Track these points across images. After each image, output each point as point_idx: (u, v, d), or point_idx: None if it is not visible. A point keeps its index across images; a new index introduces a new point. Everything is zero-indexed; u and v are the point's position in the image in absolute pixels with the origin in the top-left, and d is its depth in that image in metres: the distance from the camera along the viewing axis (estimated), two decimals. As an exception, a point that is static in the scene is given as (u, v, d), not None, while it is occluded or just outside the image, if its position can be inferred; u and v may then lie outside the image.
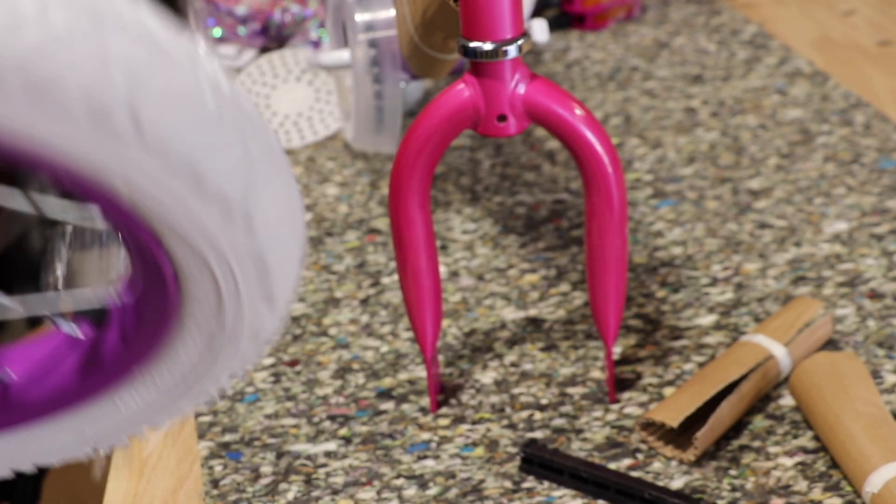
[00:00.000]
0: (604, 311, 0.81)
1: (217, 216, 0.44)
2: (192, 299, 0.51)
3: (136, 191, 0.41)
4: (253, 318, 0.52)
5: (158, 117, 0.38)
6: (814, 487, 0.75)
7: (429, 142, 0.76)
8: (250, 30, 1.46)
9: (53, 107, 0.36)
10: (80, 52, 0.36)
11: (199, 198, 0.42)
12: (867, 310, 0.91)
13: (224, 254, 0.47)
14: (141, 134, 0.38)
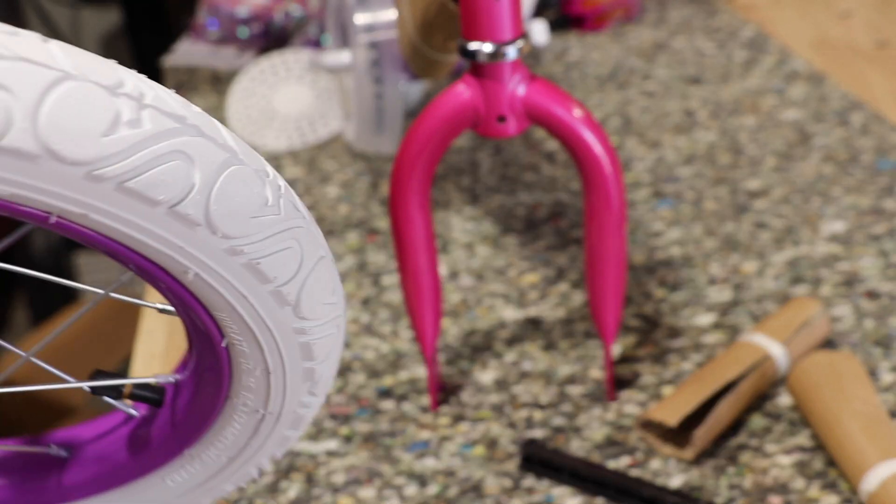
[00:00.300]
0: (603, 310, 0.81)
1: (271, 301, 0.48)
2: (242, 382, 0.53)
3: (201, 270, 0.45)
4: (295, 402, 0.55)
5: (227, 210, 0.43)
6: (811, 485, 0.75)
7: (429, 142, 0.76)
8: (251, 31, 1.47)
9: (141, 201, 0.41)
10: (166, 153, 0.41)
11: (258, 282, 0.47)
12: (864, 309, 0.91)
13: (273, 334, 0.50)
14: (210, 224, 0.43)
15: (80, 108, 0.38)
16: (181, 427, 0.59)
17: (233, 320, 0.50)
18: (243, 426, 0.57)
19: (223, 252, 0.45)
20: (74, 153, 0.39)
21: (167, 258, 0.45)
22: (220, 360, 0.53)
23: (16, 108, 0.37)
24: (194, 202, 0.42)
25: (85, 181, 0.40)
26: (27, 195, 0.40)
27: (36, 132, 0.37)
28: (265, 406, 0.55)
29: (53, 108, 0.38)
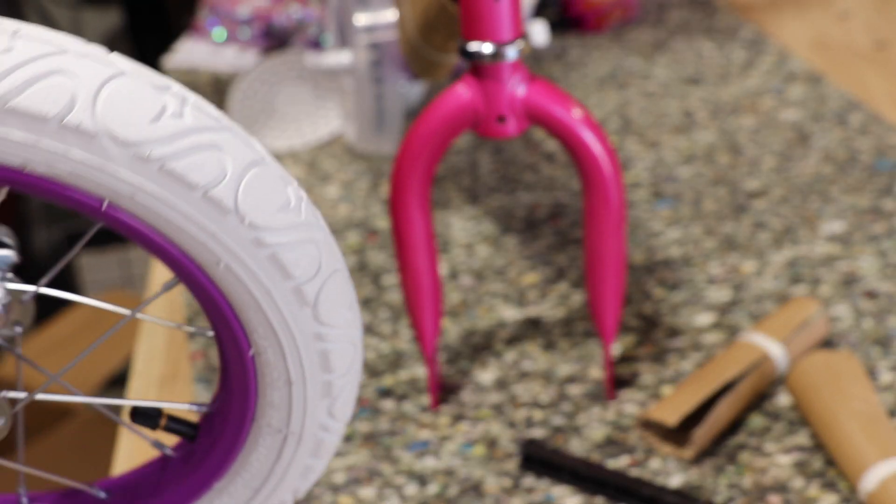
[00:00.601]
0: (602, 310, 0.81)
1: (292, 299, 0.52)
2: (267, 397, 0.57)
3: (230, 260, 0.50)
4: (316, 422, 0.58)
5: (254, 201, 0.48)
6: (810, 485, 0.76)
7: (429, 142, 0.76)
8: (252, 32, 1.47)
9: (180, 183, 0.47)
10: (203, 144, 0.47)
11: (280, 277, 0.51)
12: (863, 309, 0.91)
13: (294, 337, 0.54)
14: (239, 211, 0.48)
15: (132, 98, 0.45)
16: (211, 458, 0.60)
17: (258, 321, 0.53)
18: (268, 450, 0.59)
19: (250, 242, 0.49)
20: (126, 134, 0.45)
21: (201, 247, 0.49)
22: (247, 374, 0.56)
23: (79, 92, 0.44)
24: (226, 189, 0.48)
25: (134, 161, 0.45)
26: (85, 174, 0.45)
27: (94, 114, 0.44)
28: (287, 424, 0.58)
29: (109, 96, 0.44)
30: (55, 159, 0.45)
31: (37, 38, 0.44)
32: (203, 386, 0.90)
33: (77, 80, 0.44)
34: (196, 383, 0.91)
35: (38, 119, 0.44)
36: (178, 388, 0.91)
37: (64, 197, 0.47)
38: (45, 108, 0.44)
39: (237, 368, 0.56)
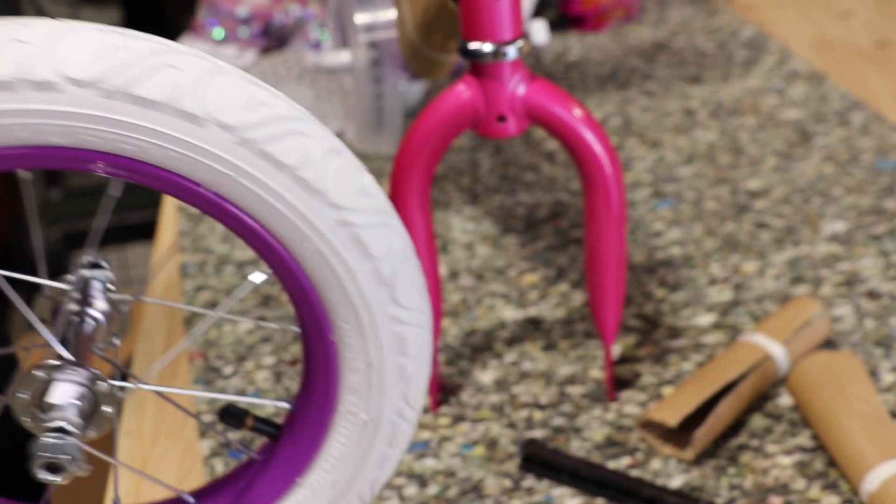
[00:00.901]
0: (603, 310, 0.81)
1: (372, 279, 0.56)
2: (347, 382, 0.60)
3: (317, 239, 0.54)
4: (392, 407, 0.61)
5: (337, 183, 0.53)
6: (812, 486, 0.75)
7: (429, 142, 0.76)
8: (251, 31, 1.47)
9: (272, 164, 0.52)
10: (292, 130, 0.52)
11: (361, 257, 0.55)
12: (865, 309, 0.91)
13: (374, 318, 0.57)
14: (325, 192, 0.53)
15: (231, 88, 0.51)
16: (294, 455, 0.63)
17: (341, 302, 0.56)
18: (348, 439, 0.62)
19: (334, 222, 0.54)
20: (228, 119, 0.50)
21: (289, 226, 0.53)
22: (329, 359, 0.59)
23: (186, 81, 0.49)
24: (312, 170, 0.52)
25: (234, 144, 0.51)
26: (192, 157, 0.51)
27: (202, 100, 0.50)
28: (367, 409, 0.61)
29: (214, 86, 0.50)
30: (168, 144, 0.50)
31: (146, 38, 0.50)
32: (202, 387, 0.90)
33: (186, 72, 0.49)
34: (195, 384, 0.90)
35: (152, 105, 0.49)
36: (178, 388, 0.91)
37: (167, 182, 0.52)
38: (158, 95, 0.49)
39: (320, 356, 0.59)
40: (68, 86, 0.48)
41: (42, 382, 0.55)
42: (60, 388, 0.55)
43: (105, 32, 0.49)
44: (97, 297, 0.59)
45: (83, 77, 0.48)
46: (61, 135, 0.50)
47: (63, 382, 0.55)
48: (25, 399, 0.55)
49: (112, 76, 0.48)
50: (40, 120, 0.49)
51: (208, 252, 1.08)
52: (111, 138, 0.50)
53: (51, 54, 0.48)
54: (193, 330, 0.60)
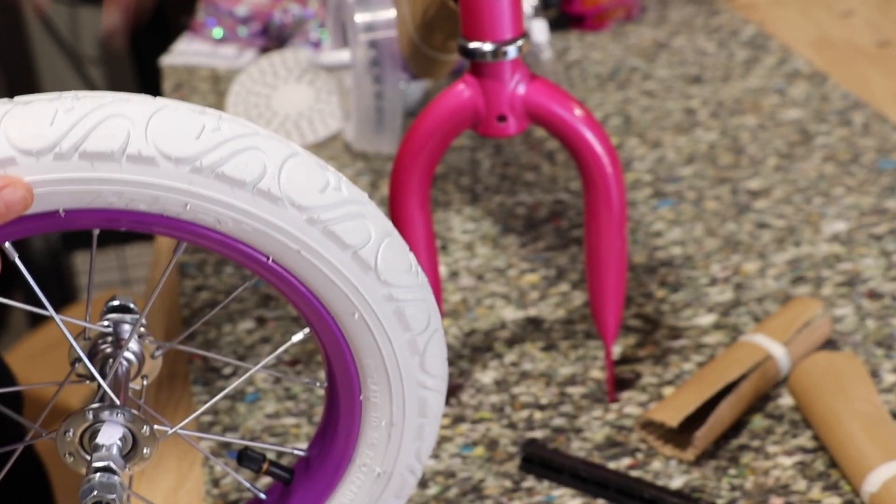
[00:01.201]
0: (603, 310, 0.81)
1: (407, 349, 0.61)
2: (368, 438, 0.64)
3: (364, 313, 0.59)
4: (405, 463, 0.65)
5: (388, 263, 0.59)
6: (813, 487, 0.75)
7: (429, 142, 0.76)
8: (251, 30, 1.47)
9: (336, 247, 0.57)
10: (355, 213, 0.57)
11: (401, 329, 0.60)
12: (866, 310, 0.91)
13: (403, 383, 0.62)
14: (377, 269, 0.58)
15: (306, 172, 0.55)
16: (305, 499, 0.66)
17: (375, 368, 0.61)
18: (359, 489, 0.66)
19: (382, 297, 0.59)
20: (301, 200, 0.55)
21: (342, 298, 0.58)
22: (354, 417, 0.64)
23: (269, 164, 0.54)
24: (369, 250, 0.57)
25: (305, 223, 0.56)
26: (265, 232, 0.55)
27: (279, 183, 0.55)
28: (382, 463, 0.65)
29: (290, 169, 0.55)
30: (246, 218, 0.55)
31: (237, 122, 0.55)
32: (201, 387, 0.90)
33: (267, 155, 0.54)
34: (194, 385, 0.90)
35: (237, 184, 0.54)
36: (177, 388, 0.91)
37: (237, 251, 0.56)
38: (243, 175, 0.54)
39: (346, 412, 0.64)
40: (164, 161, 0.53)
41: (89, 422, 0.59)
42: (108, 430, 0.59)
43: (198, 113, 0.54)
44: (130, 340, 0.62)
45: (176, 154, 0.53)
46: (149, 203, 0.54)
47: (111, 424, 0.59)
48: (71, 438, 0.59)
49: (204, 156, 0.53)
50: (134, 189, 0.53)
51: (208, 252, 1.08)
52: (195, 209, 0.54)
53: (150, 131, 0.53)
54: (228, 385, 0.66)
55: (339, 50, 1.13)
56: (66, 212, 0.53)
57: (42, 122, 0.52)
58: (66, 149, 0.51)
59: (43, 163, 0.52)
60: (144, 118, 0.53)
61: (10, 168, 0.51)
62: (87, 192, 0.53)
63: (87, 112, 0.52)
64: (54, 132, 0.51)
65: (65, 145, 0.51)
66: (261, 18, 1.46)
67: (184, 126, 0.53)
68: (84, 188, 0.53)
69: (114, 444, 0.58)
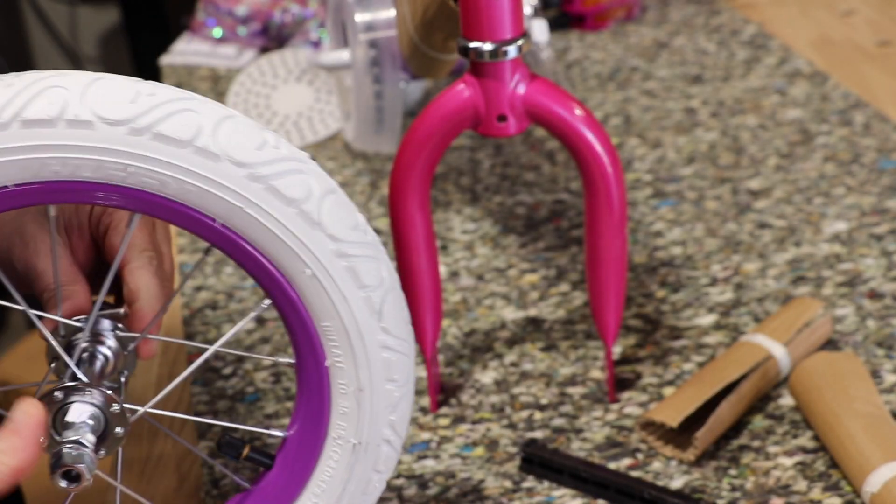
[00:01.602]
0: (603, 310, 0.81)
1: (363, 307, 0.61)
2: (339, 407, 0.64)
3: (315, 271, 0.59)
4: (379, 433, 0.65)
5: (334, 219, 0.59)
6: (813, 487, 0.75)
7: (429, 142, 0.76)
8: (250, 30, 1.46)
9: (280, 202, 0.57)
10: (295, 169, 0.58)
11: (355, 286, 0.61)
12: (867, 310, 0.91)
13: (365, 347, 0.62)
14: (323, 225, 0.59)
15: (243, 131, 0.57)
16: (287, 482, 0.66)
17: (335, 330, 0.61)
18: (337, 463, 0.66)
19: (332, 253, 0.59)
20: (241, 157, 0.56)
21: (292, 256, 0.59)
22: (323, 386, 0.64)
23: (204, 123, 0.55)
24: (313, 205, 0.58)
25: (246, 180, 0.56)
26: (208, 191, 0.56)
27: (217, 141, 0.56)
28: (357, 433, 0.65)
29: (227, 128, 0.56)
30: (188, 178, 0.56)
31: (172, 88, 0.57)
32: (201, 388, 0.90)
33: (202, 115, 0.55)
34: (193, 385, 0.90)
35: (174, 142, 0.55)
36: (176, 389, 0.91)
37: (185, 216, 0.57)
38: (180, 134, 0.55)
39: (315, 383, 0.64)
40: (101, 124, 0.54)
41: (58, 403, 0.59)
42: (77, 408, 0.59)
43: (133, 81, 0.56)
44: (107, 335, 0.63)
45: (114, 116, 0.54)
46: (92, 169, 0.55)
47: (80, 403, 0.59)
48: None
49: (140, 117, 0.55)
50: (75, 155, 0.54)
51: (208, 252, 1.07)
52: (137, 173, 0.55)
53: (87, 97, 0.54)
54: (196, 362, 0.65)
55: (339, 50, 1.13)
56: (15, 186, 0.55)
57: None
58: (6, 119, 0.53)
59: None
60: (81, 87, 0.54)
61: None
62: (31, 161, 0.54)
63: (27, 84, 0.53)
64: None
65: (4, 115, 0.53)
66: (260, 18, 1.46)
67: (120, 92, 0.55)
68: (27, 157, 0.54)
69: (85, 423, 0.59)
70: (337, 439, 0.65)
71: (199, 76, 1.44)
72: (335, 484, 0.66)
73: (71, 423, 0.59)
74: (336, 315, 0.61)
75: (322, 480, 0.66)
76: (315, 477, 0.66)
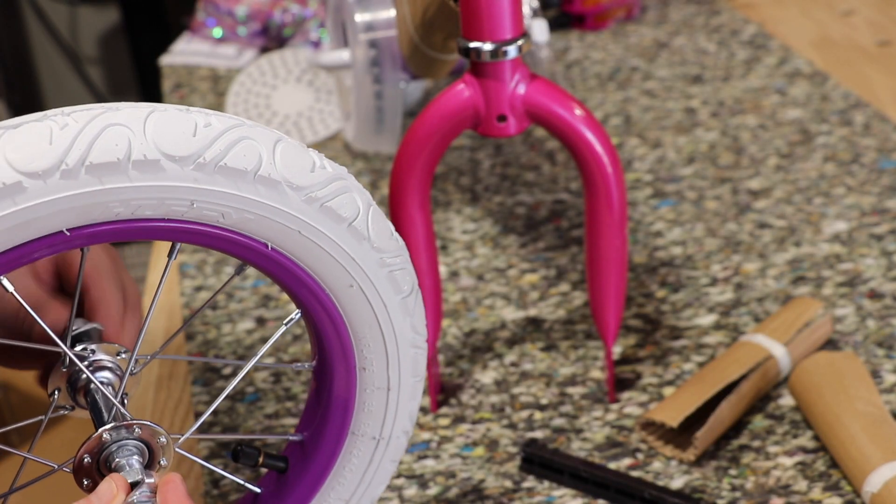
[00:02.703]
0: (604, 310, 0.81)
1: (400, 311, 0.63)
2: (366, 406, 0.65)
3: (361, 283, 0.61)
4: (401, 426, 0.67)
5: (377, 231, 0.60)
6: (813, 487, 0.75)
7: (429, 142, 0.76)
8: (250, 30, 1.46)
9: (333, 222, 0.58)
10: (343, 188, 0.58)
11: (394, 292, 0.62)
12: (867, 309, 0.91)
13: (398, 347, 0.64)
14: (370, 238, 0.60)
15: (295, 154, 0.56)
16: (304, 481, 0.67)
17: (372, 335, 0.63)
18: (359, 458, 0.67)
19: (376, 264, 0.60)
20: (298, 181, 0.56)
21: (340, 272, 0.60)
22: (351, 388, 0.65)
23: (262, 151, 0.55)
24: (361, 221, 0.59)
25: (303, 202, 0.57)
26: (267, 218, 0.56)
27: (275, 167, 0.55)
28: (381, 430, 0.66)
29: (282, 152, 0.56)
30: (249, 207, 0.56)
31: (223, 115, 0.56)
32: (201, 387, 0.90)
33: (259, 143, 0.55)
34: (193, 385, 0.90)
35: (238, 174, 0.54)
36: (176, 388, 0.91)
37: (236, 244, 0.57)
38: (243, 164, 0.54)
39: (341, 386, 0.65)
40: (168, 163, 0.53)
41: (107, 443, 0.58)
42: (125, 448, 0.58)
43: (185, 111, 0.55)
44: (105, 362, 0.62)
45: (179, 153, 0.53)
46: (154, 207, 0.54)
47: (126, 442, 0.58)
48: (89, 462, 0.58)
49: (204, 151, 0.54)
50: (140, 195, 0.53)
51: (208, 252, 1.07)
52: (200, 207, 0.55)
53: (149, 134, 0.53)
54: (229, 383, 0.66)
55: (339, 50, 1.13)
56: (70, 230, 0.52)
57: (40, 141, 0.50)
58: (72, 164, 0.50)
59: (50, 183, 0.50)
60: (139, 123, 0.52)
61: (20, 195, 0.50)
62: (94, 205, 0.52)
63: (83, 125, 0.51)
64: (55, 150, 0.50)
65: (70, 160, 0.50)
66: (260, 18, 1.46)
67: (178, 125, 0.53)
68: (92, 202, 0.52)
69: (135, 460, 0.58)
70: (360, 436, 0.66)
71: (199, 76, 1.44)
72: (356, 476, 0.67)
73: (123, 464, 0.57)
74: (375, 323, 0.62)
75: (343, 476, 0.67)
76: (335, 473, 0.67)
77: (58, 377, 0.62)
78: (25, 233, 0.51)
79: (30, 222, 0.50)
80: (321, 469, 0.67)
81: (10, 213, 0.50)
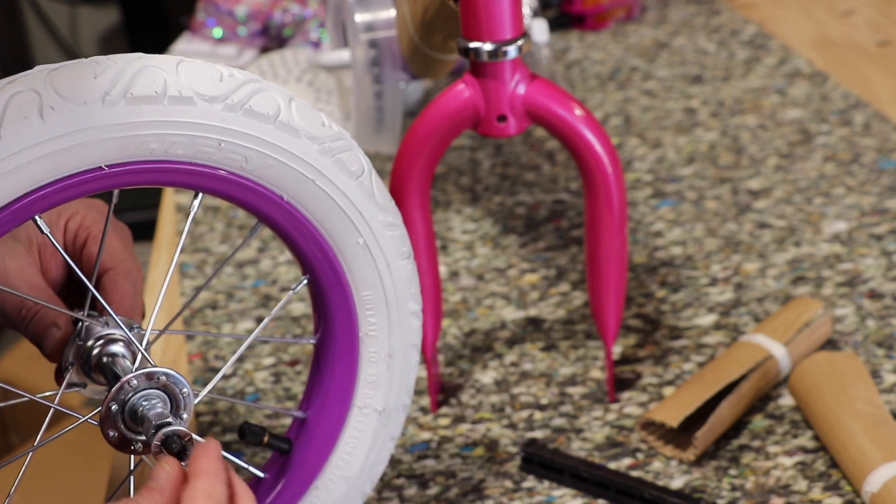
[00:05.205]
0: (603, 310, 0.81)
1: (402, 275, 0.65)
2: (367, 376, 0.67)
3: (367, 239, 0.63)
4: (400, 398, 0.68)
5: (381, 191, 0.64)
6: (813, 487, 0.75)
7: (429, 142, 0.76)
8: (250, 30, 1.46)
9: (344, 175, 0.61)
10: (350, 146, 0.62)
11: (398, 256, 0.64)
12: (866, 310, 0.91)
13: (399, 313, 0.65)
14: (375, 196, 0.63)
15: (307, 109, 0.60)
16: (308, 459, 0.68)
17: (375, 298, 0.65)
18: (361, 432, 0.68)
19: (382, 224, 0.63)
20: (314, 132, 0.60)
21: (348, 226, 0.62)
22: (353, 357, 0.66)
23: (280, 101, 0.58)
24: (366, 177, 0.62)
25: (319, 153, 0.60)
26: (286, 164, 0.59)
27: (293, 117, 0.59)
28: (384, 400, 0.67)
29: (296, 106, 0.59)
30: (271, 152, 0.58)
31: (242, 70, 0.59)
32: (201, 387, 0.90)
33: (277, 94, 0.58)
34: (193, 385, 0.90)
35: (263, 118, 0.58)
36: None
37: (254, 192, 0.59)
38: (267, 109, 0.58)
39: (343, 356, 0.66)
40: (200, 101, 0.56)
41: (129, 392, 0.59)
42: (151, 397, 0.59)
43: (211, 63, 0.58)
44: (117, 335, 0.63)
45: (210, 93, 0.56)
46: (186, 146, 0.56)
47: (153, 390, 0.60)
48: (116, 410, 0.59)
49: (232, 94, 0.57)
50: (174, 131, 0.56)
51: (208, 252, 1.07)
52: (227, 148, 0.57)
53: (182, 76, 0.56)
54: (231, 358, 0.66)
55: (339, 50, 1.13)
56: (108, 166, 0.55)
57: (85, 76, 0.54)
58: (115, 96, 0.54)
59: (94, 111, 0.53)
60: (173, 66, 0.56)
61: (65, 122, 0.53)
62: (132, 139, 0.55)
63: (125, 64, 0.55)
64: (99, 83, 0.54)
65: (114, 93, 0.54)
66: (260, 18, 1.46)
67: (208, 72, 0.57)
68: (129, 134, 0.55)
69: (161, 406, 0.59)
70: (363, 408, 0.67)
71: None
72: (358, 450, 0.68)
73: (148, 412, 0.59)
74: (379, 283, 0.64)
75: (346, 451, 0.68)
76: (338, 450, 0.68)
77: (71, 351, 0.62)
78: (68, 164, 0.54)
79: (73, 149, 0.53)
80: (324, 446, 0.68)
81: (55, 138, 0.53)
